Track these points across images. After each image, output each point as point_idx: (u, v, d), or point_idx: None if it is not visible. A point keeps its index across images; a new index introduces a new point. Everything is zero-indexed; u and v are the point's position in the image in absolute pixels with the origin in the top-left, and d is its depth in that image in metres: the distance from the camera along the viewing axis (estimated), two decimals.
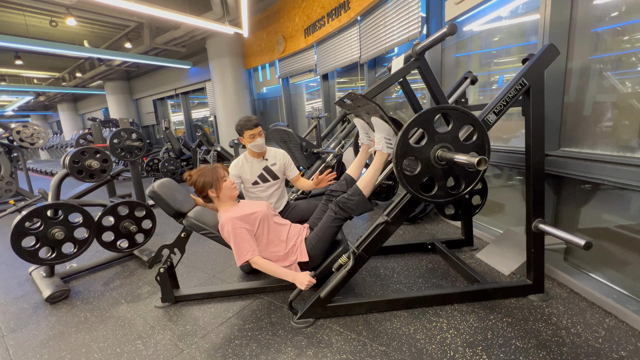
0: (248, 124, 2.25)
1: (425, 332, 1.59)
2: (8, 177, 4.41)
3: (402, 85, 1.72)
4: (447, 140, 1.46)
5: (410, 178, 1.47)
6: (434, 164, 1.47)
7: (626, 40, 1.69)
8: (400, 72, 1.62)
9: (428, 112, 1.42)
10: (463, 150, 1.48)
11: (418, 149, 1.45)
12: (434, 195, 1.52)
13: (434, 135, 1.44)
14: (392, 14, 3.46)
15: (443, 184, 1.52)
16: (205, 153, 5.98)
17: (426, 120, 1.42)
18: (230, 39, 6.35)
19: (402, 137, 1.40)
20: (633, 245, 1.71)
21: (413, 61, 1.60)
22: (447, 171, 1.51)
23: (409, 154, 1.44)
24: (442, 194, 1.53)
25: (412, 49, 1.59)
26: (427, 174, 1.49)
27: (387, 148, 1.77)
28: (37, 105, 15.36)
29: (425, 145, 1.45)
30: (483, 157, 1.25)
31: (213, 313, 1.87)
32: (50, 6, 5.65)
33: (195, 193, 1.95)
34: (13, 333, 1.81)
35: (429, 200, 1.52)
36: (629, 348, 1.40)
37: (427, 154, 1.46)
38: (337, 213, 1.82)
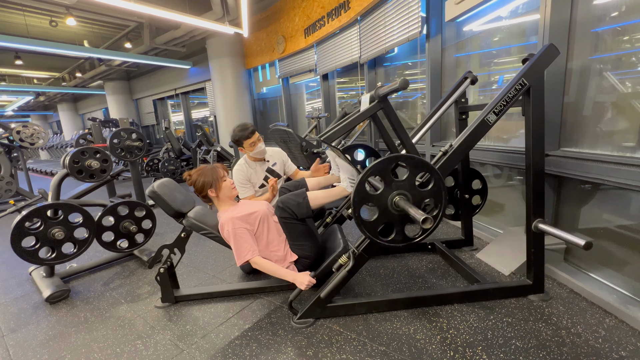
0: (245, 133, 2.21)
1: (425, 332, 1.59)
2: (8, 177, 4.41)
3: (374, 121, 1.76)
4: (405, 187, 1.48)
5: (368, 224, 1.49)
6: (392, 210, 1.49)
7: (626, 40, 1.69)
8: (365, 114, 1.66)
9: (384, 161, 1.44)
10: (420, 197, 1.51)
11: (376, 197, 1.47)
12: (392, 240, 1.54)
13: (391, 182, 1.46)
14: (392, 13, 3.46)
15: (401, 229, 1.54)
16: (205, 153, 5.98)
17: (384, 169, 1.44)
18: (230, 39, 6.35)
19: (359, 186, 1.43)
20: (633, 245, 1.71)
21: (376, 103, 1.64)
22: (404, 217, 1.52)
23: (367, 201, 1.47)
24: (400, 239, 1.55)
25: (375, 91, 1.63)
26: (384, 220, 1.51)
27: (350, 187, 1.87)
28: (37, 105, 15.36)
29: (382, 193, 1.47)
30: (429, 217, 1.30)
31: (213, 313, 1.87)
32: (50, 6, 5.65)
33: (194, 193, 1.95)
34: (13, 333, 1.81)
35: (387, 245, 1.54)
36: (629, 348, 1.40)
37: (384, 201, 1.48)
38: (281, 214, 1.83)
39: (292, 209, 1.79)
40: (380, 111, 1.64)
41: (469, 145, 1.63)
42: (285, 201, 1.81)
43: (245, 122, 2.27)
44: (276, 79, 6.38)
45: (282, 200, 1.82)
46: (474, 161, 2.59)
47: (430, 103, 3.14)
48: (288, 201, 1.80)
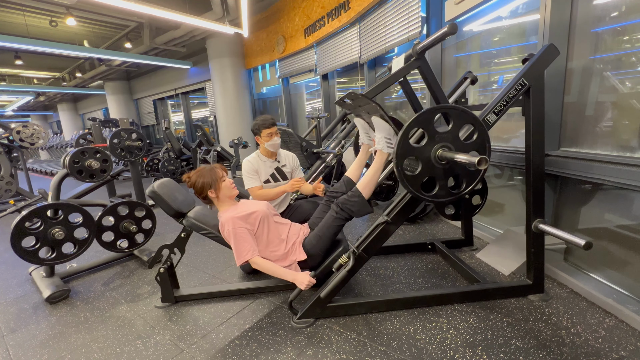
0: (266, 123, 2.28)
1: (425, 332, 1.59)
2: (8, 177, 4.41)
3: (402, 85, 1.72)
4: (448, 139, 1.46)
5: (411, 178, 1.46)
6: (435, 163, 1.47)
7: (626, 40, 1.69)
8: (401, 72, 1.61)
9: (428, 111, 1.41)
10: (463, 150, 1.47)
11: (418, 149, 1.45)
12: (435, 195, 1.51)
13: (434, 134, 1.44)
14: (392, 14, 3.46)
15: (444, 183, 1.51)
16: (205, 153, 5.98)
17: (426, 120, 1.42)
18: (230, 39, 6.35)
19: (402, 136, 1.40)
20: (633, 245, 1.71)
21: (414, 61, 1.60)
22: (447, 171, 1.51)
23: (410, 154, 1.44)
24: (443, 194, 1.52)
25: (412, 49, 1.59)
26: (427, 174, 1.49)
27: (387, 148, 1.76)
28: (37, 105, 15.36)
29: (425, 145, 1.44)
30: (484, 157, 1.25)
31: (213, 313, 1.87)
32: (50, 6, 5.65)
33: (194, 194, 1.95)
34: (13, 333, 1.81)
35: (430, 200, 1.52)
36: (629, 348, 1.40)
37: (427, 154, 1.46)
38: (338, 213, 1.82)
39: (352, 209, 1.79)
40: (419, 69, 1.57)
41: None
42: (345, 202, 1.80)
43: (266, 115, 2.35)
44: (276, 79, 6.38)
45: (341, 202, 1.81)
46: None
47: (430, 103, 3.14)
48: (346, 202, 1.80)
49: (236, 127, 6.72)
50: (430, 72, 1.64)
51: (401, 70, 1.61)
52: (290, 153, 2.48)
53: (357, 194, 1.80)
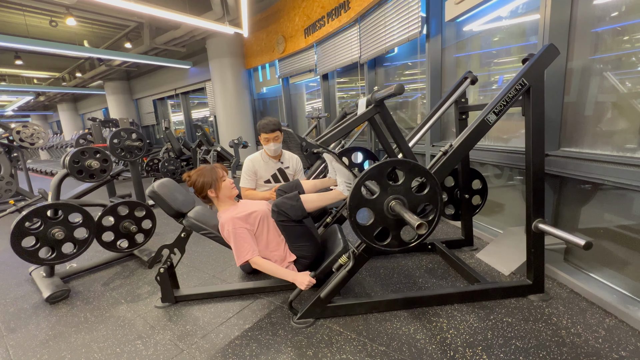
0: (266, 128, 2.29)
1: (425, 332, 1.59)
2: (8, 177, 4.41)
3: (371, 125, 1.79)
4: (400, 192, 1.47)
5: (364, 228, 1.48)
6: (387, 214, 1.48)
7: (626, 40, 1.69)
8: (361, 118, 1.69)
9: (380, 166, 1.43)
10: (416, 202, 1.50)
11: (371, 201, 1.46)
12: (388, 244, 1.53)
13: (387, 187, 1.46)
14: (392, 14, 3.46)
15: (397, 233, 1.53)
16: (205, 153, 5.98)
17: (379, 174, 1.44)
18: (230, 39, 6.35)
19: (354, 190, 1.42)
20: (633, 245, 1.71)
21: (372, 107, 1.66)
22: (400, 221, 1.51)
23: (363, 206, 1.46)
24: (396, 243, 1.54)
25: (371, 95, 1.65)
26: (380, 224, 1.51)
27: (347, 191, 1.85)
28: (37, 105, 15.36)
29: (378, 197, 1.46)
30: (423, 222, 1.29)
31: (213, 313, 1.87)
32: (50, 6, 5.66)
33: (194, 194, 1.95)
34: (13, 333, 1.81)
35: (383, 249, 1.53)
36: (629, 348, 1.40)
37: (380, 206, 1.47)
38: (277, 217, 1.83)
39: (287, 212, 1.79)
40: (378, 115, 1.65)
41: (469, 145, 1.63)
42: (279, 204, 1.81)
43: (274, 119, 2.33)
44: (276, 79, 6.38)
45: (276, 204, 1.82)
46: (474, 161, 2.59)
47: (430, 103, 3.14)
48: (282, 204, 1.81)
49: (236, 127, 6.72)
50: (390, 117, 1.71)
51: (362, 115, 1.68)
52: (295, 155, 2.49)
53: (296, 197, 1.83)
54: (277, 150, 2.34)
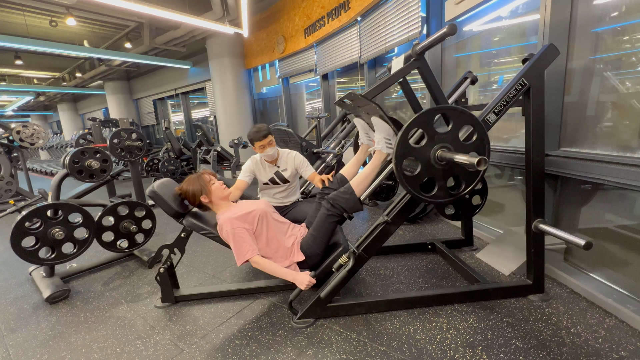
0: (257, 135, 2.26)
1: (425, 332, 1.59)
2: (8, 177, 4.41)
3: (402, 85, 1.72)
4: (447, 140, 1.46)
5: (410, 178, 1.46)
6: (434, 164, 1.47)
7: (626, 40, 1.69)
8: (401, 72, 1.61)
9: (427, 112, 1.41)
10: (463, 150, 1.47)
11: (418, 150, 1.44)
12: (434, 195, 1.51)
13: (434, 135, 1.44)
14: (392, 14, 3.46)
15: (443, 184, 1.51)
16: (205, 153, 5.98)
17: (426, 121, 1.42)
18: (230, 39, 6.34)
19: (402, 137, 1.40)
20: (633, 245, 1.71)
21: (413, 61, 1.60)
22: (447, 171, 1.51)
23: (409, 154, 1.44)
24: (442, 194, 1.52)
25: (412, 49, 1.59)
26: (427, 174, 1.49)
27: (387, 148, 1.77)
28: (37, 105, 15.35)
29: (425, 145, 1.44)
30: (483, 157, 1.25)
31: (213, 313, 1.87)
32: (50, 6, 5.65)
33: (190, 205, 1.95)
34: (13, 333, 1.81)
35: (429, 200, 1.52)
36: (629, 348, 1.40)
37: (427, 154, 1.45)
38: (329, 210, 1.81)
39: (342, 206, 1.77)
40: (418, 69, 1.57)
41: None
42: (335, 199, 1.79)
43: (262, 125, 2.31)
44: (276, 79, 6.38)
45: (332, 198, 1.80)
46: None
47: (430, 103, 3.14)
48: (337, 199, 1.79)
49: (236, 127, 6.72)
50: (430, 72, 1.64)
51: (401, 70, 1.61)
52: (292, 153, 2.47)
53: (349, 190, 1.80)
54: (274, 155, 2.34)
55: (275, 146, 2.34)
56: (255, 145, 2.29)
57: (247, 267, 2.42)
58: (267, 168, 2.41)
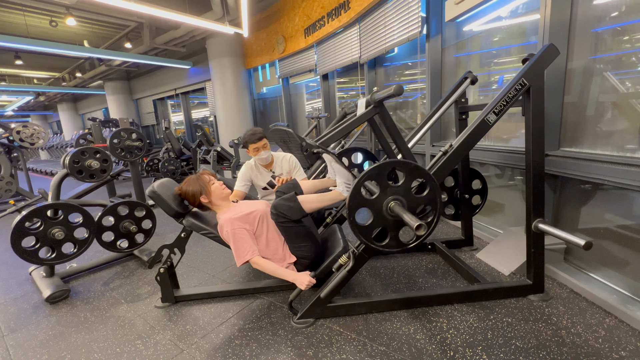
0: (252, 138, 2.27)
1: (425, 332, 1.59)
2: (8, 177, 4.41)
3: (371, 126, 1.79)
4: (400, 192, 1.47)
5: (362, 228, 1.48)
6: (386, 215, 1.48)
7: (626, 40, 1.69)
8: (361, 118, 1.68)
9: (380, 166, 1.43)
10: (415, 203, 1.49)
11: (370, 201, 1.46)
12: (387, 244, 1.53)
13: (387, 188, 1.45)
14: (392, 14, 3.46)
15: (395, 234, 1.53)
16: (205, 153, 5.98)
17: (379, 174, 1.43)
18: (230, 39, 6.35)
19: (354, 190, 1.42)
20: (633, 245, 1.71)
21: (372, 108, 1.65)
22: (399, 222, 1.51)
23: (362, 206, 1.46)
24: (394, 244, 1.54)
25: (370, 96, 1.64)
26: (379, 225, 1.50)
27: (346, 192, 1.84)
28: (37, 105, 15.35)
29: (377, 198, 1.46)
30: (422, 223, 1.29)
31: (213, 313, 1.87)
32: (50, 6, 5.65)
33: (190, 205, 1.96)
34: (13, 333, 1.81)
35: (381, 249, 1.53)
36: (629, 348, 1.40)
37: (379, 206, 1.47)
38: (277, 218, 1.81)
39: (285, 213, 1.78)
40: (377, 115, 1.64)
41: (469, 145, 1.63)
42: (277, 206, 1.80)
43: (256, 128, 2.33)
44: (276, 79, 6.38)
45: (274, 205, 1.81)
46: (474, 161, 2.59)
47: (430, 103, 3.14)
48: (280, 206, 1.80)
49: (236, 127, 6.72)
50: (390, 118, 1.70)
51: (362, 115, 1.68)
52: (287, 156, 2.45)
53: (293, 198, 1.82)
54: (268, 158, 2.33)
55: (269, 150, 2.33)
56: (250, 148, 2.29)
57: (247, 267, 2.42)
58: (263, 172, 2.41)
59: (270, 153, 2.35)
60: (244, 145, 2.33)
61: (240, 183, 2.38)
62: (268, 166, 2.40)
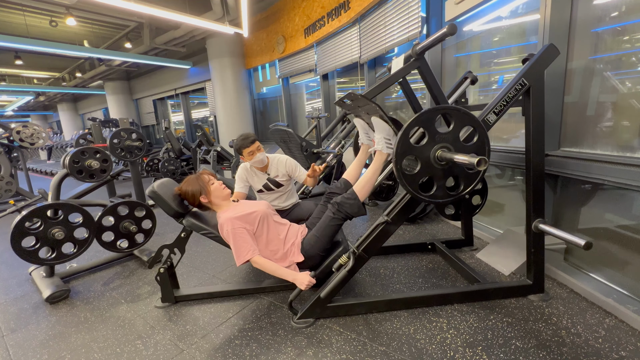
0: (245, 142, 2.25)
1: (425, 332, 1.59)
2: (8, 177, 4.41)
3: (402, 85, 1.72)
4: (448, 140, 1.46)
5: (409, 177, 1.46)
6: (434, 163, 1.47)
7: (626, 40, 1.69)
8: (401, 72, 1.61)
9: (429, 111, 1.41)
10: (463, 151, 1.47)
11: (418, 149, 1.44)
12: (433, 195, 1.51)
13: (435, 135, 1.44)
14: (392, 13, 3.46)
15: (442, 183, 1.51)
16: (205, 153, 5.97)
17: (427, 120, 1.42)
18: (230, 39, 6.34)
19: (402, 136, 1.40)
20: (633, 245, 1.71)
21: (413, 61, 1.59)
22: (446, 171, 1.51)
23: (409, 153, 1.44)
24: (441, 194, 1.52)
25: (412, 49, 1.58)
26: (426, 174, 1.49)
27: (387, 148, 1.77)
28: (37, 105, 15.36)
29: (425, 144, 1.44)
30: (483, 158, 1.25)
31: (213, 313, 1.87)
32: (50, 6, 5.65)
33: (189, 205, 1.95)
34: (13, 333, 1.81)
35: (428, 200, 1.52)
36: (629, 348, 1.40)
37: (427, 154, 1.45)
38: (335, 214, 1.82)
39: (347, 211, 1.78)
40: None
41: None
42: (342, 204, 1.79)
43: (248, 133, 2.32)
44: (276, 79, 6.38)
45: (338, 203, 1.81)
46: None
47: (430, 103, 3.14)
48: (343, 204, 1.79)
49: (236, 127, 6.72)
50: (430, 72, 1.63)
51: (401, 70, 1.61)
52: (282, 158, 2.44)
53: (353, 196, 1.80)
54: (264, 160, 2.32)
55: (263, 152, 2.33)
56: (244, 153, 2.27)
57: (247, 267, 2.42)
58: (259, 174, 2.40)
59: (266, 155, 2.34)
60: (238, 151, 2.31)
61: (239, 184, 2.38)
62: (263, 169, 2.39)
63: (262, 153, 2.30)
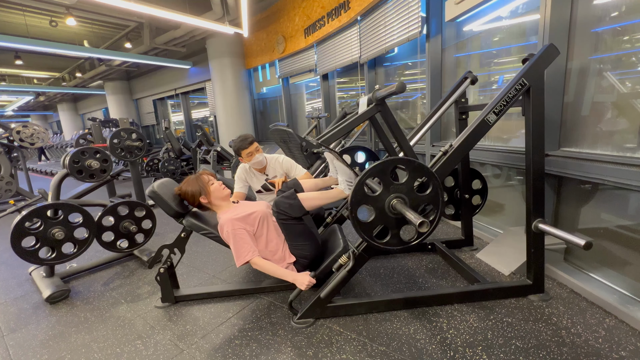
0: (244, 144, 2.26)
1: (425, 332, 1.59)
2: (8, 177, 4.41)
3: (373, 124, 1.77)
4: (402, 190, 1.47)
5: (364, 225, 1.48)
6: (388, 212, 1.48)
7: (626, 40, 1.69)
8: (362, 116, 1.67)
9: (383, 163, 1.43)
10: (417, 201, 1.50)
11: (373, 198, 1.46)
12: (387, 242, 1.53)
13: (390, 185, 1.45)
14: (392, 13, 3.46)
15: (396, 232, 1.53)
16: (205, 153, 5.97)
17: (381, 171, 1.43)
18: (230, 39, 6.35)
19: (357, 186, 1.42)
20: (633, 245, 1.71)
21: (374, 106, 1.64)
22: (400, 220, 1.51)
23: (364, 203, 1.46)
24: (395, 242, 1.54)
25: (372, 94, 1.63)
26: (381, 222, 1.51)
27: (348, 190, 1.84)
28: (37, 105, 15.36)
29: (380, 194, 1.46)
30: (425, 220, 1.29)
31: (213, 313, 1.87)
32: (50, 6, 5.65)
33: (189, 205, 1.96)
34: (13, 333, 1.81)
35: (383, 247, 1.53)
36: (629, 348, 1.40)
37: (381, 204, 1.47)
38: (277, 215, 1.84)
39: (285, 210, 1.80)
40: (379, 114, 1.64)
41: (469, 145, 1.63)
42: (278, 203, 1.83)
43: (246, 134, 2.32)
44: (276, 79, 6.38)
45: (275, 203, 1.84)
46: (474, 161, 2.59)
47: (430, 103, 3.14)
48: (280, 203, 1.82)
49: (236, 127, 6.72)
50: (392, 117, 1.68)
51: (363, 114, 1.66)
52: (279, 158, 2.44)
53: (293, 196, 1.83)
54: (263, 161, 2.32)
55: (262, 152, 2.33)
56: (243, 154, 2.27)
57: (247, 267, 2.42)
58: (258, 175, 2.40)
59: (264, 155, 2.34)
60: (237, 153, 2.31)
61: (239, 185, 2.38)
62: (262, 170, 2.40)
63: (261, 154, 2.30)
